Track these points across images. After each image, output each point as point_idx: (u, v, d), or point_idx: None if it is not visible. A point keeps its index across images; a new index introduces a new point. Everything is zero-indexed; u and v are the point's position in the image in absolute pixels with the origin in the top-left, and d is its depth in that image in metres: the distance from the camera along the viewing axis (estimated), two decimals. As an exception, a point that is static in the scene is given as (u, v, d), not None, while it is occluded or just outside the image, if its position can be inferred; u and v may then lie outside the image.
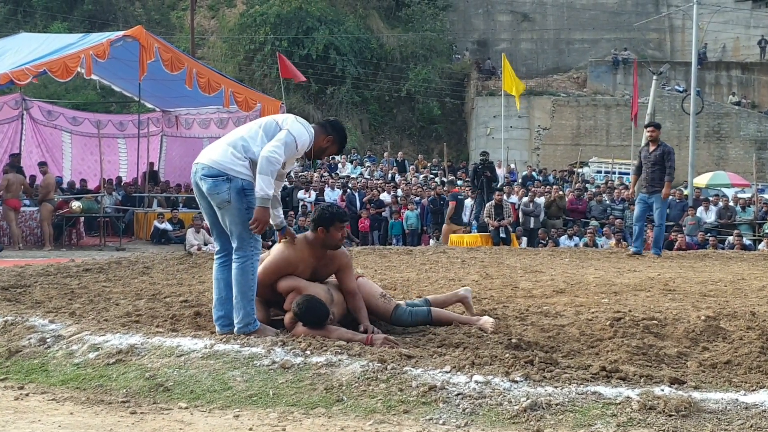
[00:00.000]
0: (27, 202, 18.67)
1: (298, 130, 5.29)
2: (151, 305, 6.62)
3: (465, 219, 20.63)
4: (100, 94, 34.52)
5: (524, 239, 20.10)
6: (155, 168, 25.66)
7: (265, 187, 5.04)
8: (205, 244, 17.73)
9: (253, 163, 5.17)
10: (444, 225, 19.49)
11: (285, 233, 5.65)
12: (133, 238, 20.92)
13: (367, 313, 5.71)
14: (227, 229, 5.26)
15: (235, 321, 5.22)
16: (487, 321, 5.74)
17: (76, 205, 18.66)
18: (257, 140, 5.25)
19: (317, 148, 5.52)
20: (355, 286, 5.77)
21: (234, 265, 5.24)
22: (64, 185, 22.25)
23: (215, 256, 5.50)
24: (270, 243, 17.01)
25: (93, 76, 20.51)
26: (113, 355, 4.65)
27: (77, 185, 22.45)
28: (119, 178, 24.84)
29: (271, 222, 5.47)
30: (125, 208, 21.68)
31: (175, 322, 5.86)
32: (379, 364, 4.22)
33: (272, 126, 5.33)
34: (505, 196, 19.97)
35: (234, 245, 5.24)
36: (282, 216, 5.72)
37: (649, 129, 13.25)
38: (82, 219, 19.46)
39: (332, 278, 5.87)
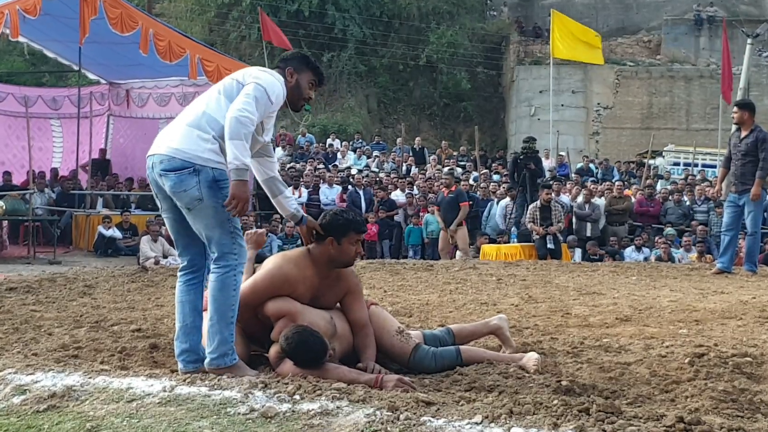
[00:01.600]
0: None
1: (266, 79, 5.32)
2: (94, 335, 6.64)
3: (501, 225, 20.65)
4: (29, 61, 34.64)
5: (578, 251, 20.08)
6: (107, 156, 25.73)
7: (239, 155, 5.02)
8: (165, 257, 17.78)
9: (223, 143, 5.16)
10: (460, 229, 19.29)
11: (306, 225, 5.67)
12: (71, 248, 20.92)
13: (375, 352, 5.72)
14: (201, 236, 5.26)
15: (208, 350, 5.22)
16: (530, 358, 5.74)
17: (-2, 205, 18.72)
18: (222, 109, 5.23)
19: (289, 93, 5.54)
20: (366, 317, 5.78)
21: (211, 278, 5.24)
22: (-18, 180, 22.31)
23: (179, 273, 5.51)
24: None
25: (20, 38, 20.53)
26: (45, 399, 4.62)
27: (-1, 180, 22.52)
28: (54, 171, 24.87)
29: (283, 215, 5.52)
30: (61, 210, 21.71)
31: (125, 357, 5.87)
32: (389, 413, 4.21)
33: (233, 86, 5.35)
34: (554, 195, 19.91)
35: (212, 254, 5.25)
36: (295, 203, 5.75)
37: (735, 110, 13.20)
38: (4, 223, 19.50)
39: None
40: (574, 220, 20.64)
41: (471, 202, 19.81)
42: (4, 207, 18.70)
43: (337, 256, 5.60)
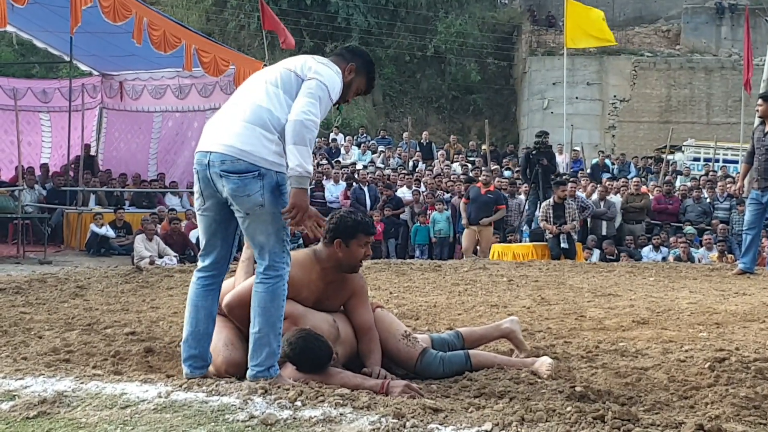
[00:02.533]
0: None
1: (328, 75, 5.25)
2: (87, 338, 6.64)
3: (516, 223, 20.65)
4: (18, 51, 34.68)
5: (596, 252, 20.06)
6: (91, 152, 25.71)
7: (303, 161, 4.99)
8: (160, 256, 17.81)
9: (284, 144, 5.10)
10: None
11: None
12: (62, 247, 20.94)
13: (380, 357, 5.74)
14: (252, 241, 5.21)
15: (253, 362, 5.17)
16: (542, 363, 5.75)
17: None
18: (283, 107, 5.16)
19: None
20: (371, 320, 5.79)
21: (260, 288, 5.18)
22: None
23: (198, 274, 5.44)
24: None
25: (8, 28, 20.56)
26: (35, 405, 4.60)
27: (-13, 175, 22.56)
28: (44, 166, 24.89)
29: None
30: (52, 207, 21.73)
31: (118, 361, 5.88)
32: (395, 421, 4.21)
33: (290, 79, 5.25)
34: (570, 193, 19.87)
35: (263, 262, 5.19)
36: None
37: (759, 102, 13.19)
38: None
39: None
40: (589, 219, 20.59)
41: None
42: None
43: (345, 260, 5.59)
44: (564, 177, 21.19)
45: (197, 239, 19.09)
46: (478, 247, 18.95)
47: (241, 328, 5.53)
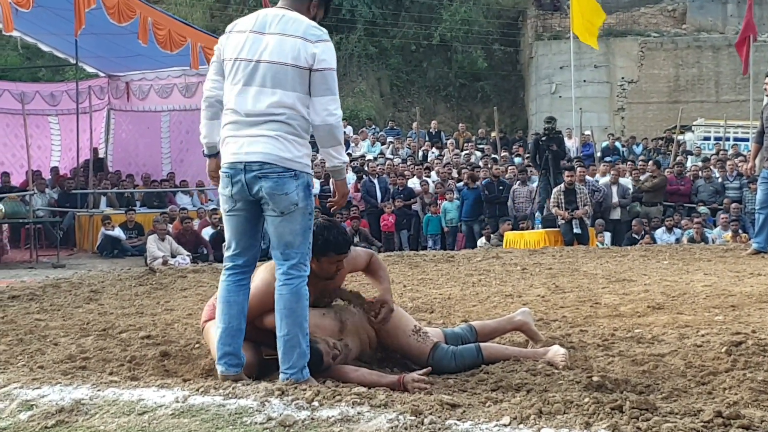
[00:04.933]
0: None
1: (333, 56, 5.38)
2: (102, 344, 6.66)
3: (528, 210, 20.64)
4: (24, 55, 34.69)
5: (607, 235, 20.03)
6: (100, 155, 25.75)
7: (340, 156, 5.35)
8: (173, 256, 17.83)
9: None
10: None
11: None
12: (75, 250, 21.01)
13: (387, 280, 5.95)
14: (280, 241, 5.27)
15: (285, 365, 5.21)
16: (555, 353, 5.74)
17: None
18: (304, 103, 5.28)
19: None
20: (363, 257, 6.02)
21: (284, 290, 5.23)
22: (-20, 181, 22.37)
23: (231, 271, 5.46)
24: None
25: (13, 33, 20.60)
26: (52, 414, 4.61)
27: (-3, 181, 22.58)
28: (54, 170, 24.92)
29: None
30: (63, 210, 21.78)
31: (134, 366, 5.90)
32: (413, 418, 4.21)
33: (299, 75, 5.27)
34: (578, 177, 19.83)
35: (288, 261, 5.26)
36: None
37: (766, 80, 13.15)
38: (4, 227, 19.56)
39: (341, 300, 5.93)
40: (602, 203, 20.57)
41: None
42: (2, 210, 18.70)
43: (319, 272, 5.62)
44: (572, 162, 21.15)
45: (211, 238, 19.15)
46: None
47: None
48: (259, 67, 5.29)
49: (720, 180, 22.41)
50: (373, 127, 33.01)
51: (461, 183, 22.65)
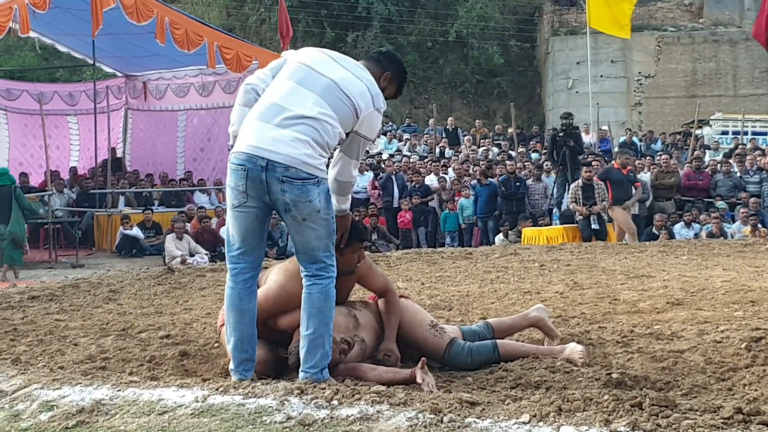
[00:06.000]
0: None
1: (377, 128, 5.58)
2: (122, 344, 6.69)
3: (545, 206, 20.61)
4: (42, 56, 34.78)
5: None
6: (118, 154, 25.81)
7: (343, 205, 5.55)
8: (191, 255, 17.85)
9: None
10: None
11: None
12: (93, 249, 21.06)
13: (395, 328, 5.85)
14: (305, 246, 5.27)
15: (307, 364, 5.21)
16: (573, 350, 5.74)
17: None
18: (335, 132, 5.30)
19: None
20: (385, 283, 5.96)
21: (314, 289, 5.24)
22: (-2, 182, 22.43)
23: (239, 276, 5.40)
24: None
25: (31, 34, 20.67)
26: (73, 415, 4.64)
27: (16, 182, 22.60)
28: (72, 170, 24.99)
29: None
30: (82, 210, 21.84)
31: (154, 366, 5.92)
32: (432, 416, 4.21)
33: (348, 115, 5.33)
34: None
35: (316, 264, 5.27)
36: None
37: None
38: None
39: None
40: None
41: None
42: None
43: (340, 265, 5.60)
44: (589, 157, 21.09)
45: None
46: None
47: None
48: (322, 79, 5.32)
49: (738, 174, 22.30)
50: (390, 124, 32.94)
51: (475, 180, 22.65)
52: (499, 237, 20.12)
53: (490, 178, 21.64)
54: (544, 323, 6.38)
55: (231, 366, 5.39)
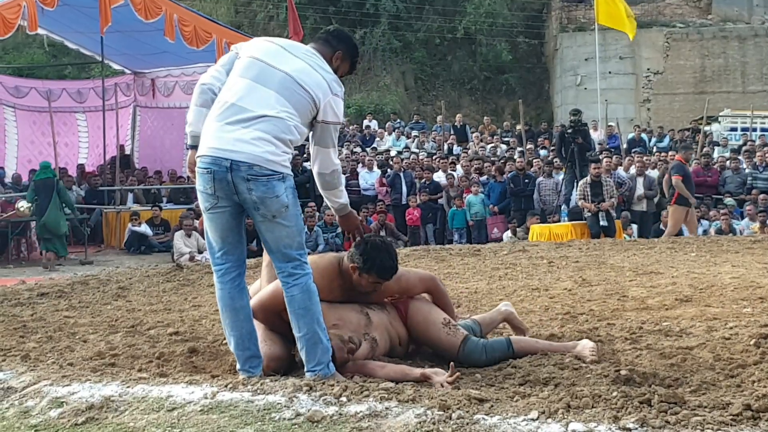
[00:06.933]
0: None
1: (342, 111, 5.47)
2: (131, 341, 6.70)
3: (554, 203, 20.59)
4: (50, 53, 34.84)
5: (634, 227, 19.96)
6: (126, 152, 25.83)
7: (342, 199, 5.58)
8: (200, 252, 17.87)
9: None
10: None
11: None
12: (102, 246, 21.11)
13: (449, 306, 6.09)
14: (278, 244, 5.26)
15: (310, 364, 5.22)
16: (584, 346, 5.73)
17: (23, 206, 18.72)
18: (297, 128, 5.29)
19: None
20: (423, 288, 6.08)
21: (294, 291, 5.24)
22: (7, 179, 22.45)
23: (226, 276, 5.43)
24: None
25: (39, 31, 20.67)
26: (82, 411, 4.65)
27: (24, 179, 22.63)
28: (80, 167, 25.02)
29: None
30: (90, 207, 21.87)
31: (163, 363, 5.92)
32: (441, 413, 4.21)
33: (307, 108, 5.32)
34: (604, 169, 19.72)
35: (290, 262, 5.25)
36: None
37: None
38: (32, 224, 19.63)
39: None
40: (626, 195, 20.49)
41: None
42: (31, 207, 18.74)
43: (356, 283, 5.66)
44: (598, 153, 21.05)
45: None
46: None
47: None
48: (275, 72, 5.30)
49: (747, 171, 22.26)
50: (398, 120, 32.94)
51: (484, 177, 22.64)
52: (507, 234, 20.12)
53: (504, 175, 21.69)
54: (513, 317, 6.56)
55: (238, 366, 5.40)
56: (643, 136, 30.68)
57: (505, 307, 6.60)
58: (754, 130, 31.12)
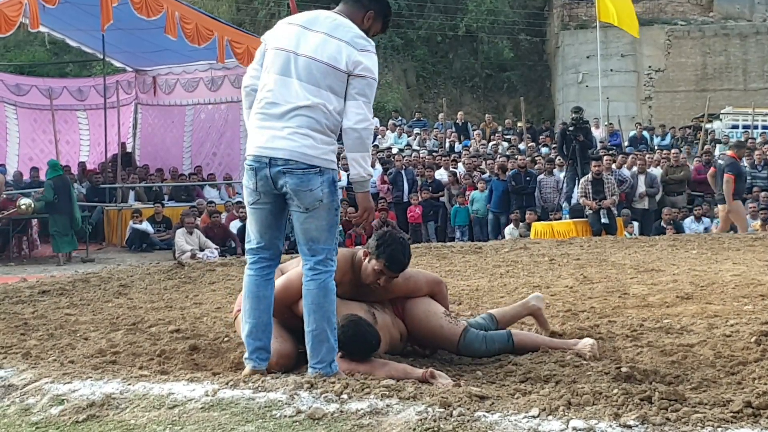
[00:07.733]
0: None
1: (375, 66, 5.33)
2: (132, 338, 6.70)
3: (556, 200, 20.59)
4: (51, 51, 34.82)
5: (635, 225, 19.96)
6: (128, 149, 25.83)
7: (366, 167, 5.28)
8: (201, 249, 17.86)
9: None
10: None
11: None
12: (104, 244, 21.11)
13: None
14: (307, 236, 5.28)
15: (314, 360, 5.24)
16: (585, 344, 5.74)
17: (24, 203, 18.71)
18: (334, 106, 5.24)
19: None
20: (429, 290, 6.06)
21: (311, 285, 5.26)
22: (9, 177, 22.43)
23: (257, 265, 5.45)
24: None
25: (41, 28, 20.67)
26: (83, 409, 4.65)
27: (25, 176, 22.64)
28: (81, 165, 25.02)
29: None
30: (92, 205, 21.86)
31: (164, 360, 5.93)
32: (442, 410, 4.21)
33: (335, 76, 5.25)
34: (607, 167, 19.71)
35: (315, 257, 5.27)
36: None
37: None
38: (34, 222, 19.64)
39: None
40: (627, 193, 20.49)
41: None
42: (32, 205, 18.73)
43: (363, 272, 5.68)
44: (599, 151, 21.07)
45: (239, 231, 19.15)
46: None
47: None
48: (297, 59, 5.27)
49: (748, 168, 22.23)
50: (400, 118, 32.93)
51: (486, 174, 22.63)
52: (509, 228, 20.12)
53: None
54: (540, 313, 6.48)
55: (245, 355, 5.41)
56: (645, 133, 30.64)
57: (534, 302, 6.52)
58: (756, 127, 31.13)
